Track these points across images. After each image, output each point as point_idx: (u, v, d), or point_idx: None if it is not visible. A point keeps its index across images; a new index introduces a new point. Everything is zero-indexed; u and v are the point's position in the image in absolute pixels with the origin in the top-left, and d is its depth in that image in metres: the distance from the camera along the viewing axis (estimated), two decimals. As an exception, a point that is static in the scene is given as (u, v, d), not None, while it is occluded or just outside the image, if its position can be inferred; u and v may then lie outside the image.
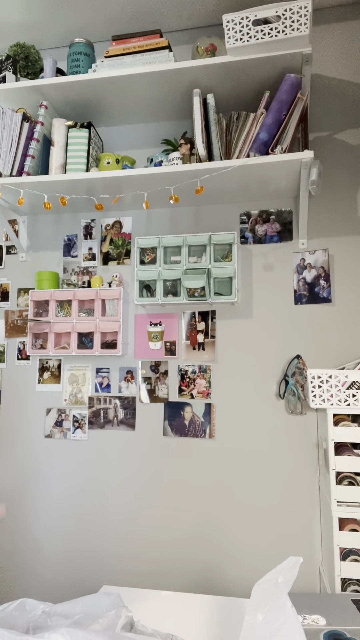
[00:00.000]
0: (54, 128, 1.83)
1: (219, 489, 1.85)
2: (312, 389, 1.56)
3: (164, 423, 1.93)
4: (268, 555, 1.78)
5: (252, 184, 1.79)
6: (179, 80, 1.73)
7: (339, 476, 1.48)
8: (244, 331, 1.90)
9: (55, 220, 2.14)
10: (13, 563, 2.00)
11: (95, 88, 1.79)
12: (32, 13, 1.98)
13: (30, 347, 1.99)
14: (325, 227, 1.87)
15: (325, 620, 1.15)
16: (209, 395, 1.90)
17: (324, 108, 1.91)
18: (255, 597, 1.09)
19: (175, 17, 1.99)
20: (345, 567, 1.43)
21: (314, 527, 1.75)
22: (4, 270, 2.17)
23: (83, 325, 1.93)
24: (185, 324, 1.95)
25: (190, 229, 2.00)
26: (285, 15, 1.50)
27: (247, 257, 1.92)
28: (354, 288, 1.82)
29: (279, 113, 1.58)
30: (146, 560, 1.89)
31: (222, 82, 1.73)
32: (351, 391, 1.54)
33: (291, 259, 1.89)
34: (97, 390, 2.01)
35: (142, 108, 1.94)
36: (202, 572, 1.83)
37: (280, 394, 1.84)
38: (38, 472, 2.02)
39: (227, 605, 1.37)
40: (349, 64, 1.91)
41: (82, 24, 2.04)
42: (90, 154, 1.84)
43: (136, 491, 1.92)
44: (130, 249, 2.05)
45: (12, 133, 1.80)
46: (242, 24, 1.54)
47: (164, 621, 1.29)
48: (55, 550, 1.97)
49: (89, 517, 1.96)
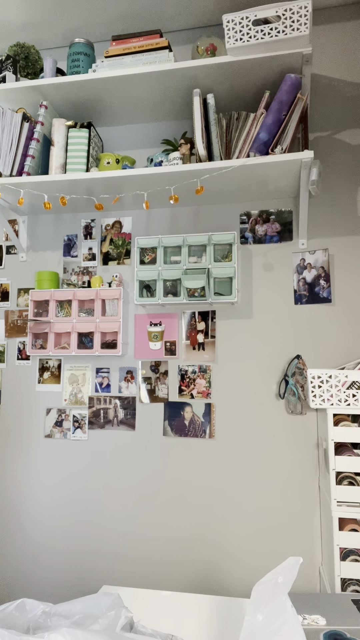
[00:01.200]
0: (54, 128, 1.83)
1: (219, 489, 1.85)
2: (312, 389, 1.56)
3: (164, 423, 1.93)
4: (268, 555, 1.78)
5: (252, 184, 1.79)
6: (179, 80, 1.73)
7: (339, 476, 1.48)
8: (244, 331, 1.90)
9: (55, 220, 2.14)
10: (13, 563, 2.00)
11: (95, 88, 1.79)
12: (32, 13, 1.98)
13: (30, 347, 1.99)
14: (325, 227, 1.87)
15: (325, 620, 1.15)
16: (209, 395, 1.90)
17: (324, 108, 1.91)
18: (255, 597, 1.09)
19: (175, 17, 1.99)
20: (345, 567, 1.43)
21: (314, 527, 1.75)
22: (4, 270, 2.17)
23: (83, 325, 1.93)
24: (185, 324, 1.95)
25: (190, 229, 2.00)
26: (285, 15, 1.50)
27: (247, 257, 1.92)
28: (354, 288, 1.82)
29: (279, 113, 1.58)
30: (146, 560, 1.89)
31: (222, 82, 1.73)
32: (351, 391, 1.54)
33: (291, 259, 1.89)
34: (97, 390, 2.01)
35: (142, 108, 1.94)
36: (202, 572, 1.83)
37: (280, 394, 1.84)
38: (38, 472, 2.02)
39: (227, 605, 1.36)
40: (349, 64, 1.91)
41: (82, 24, 2.04)
42: (90, 154, 1.84)
43: (136, 491, 1.92)
44: (130, 249, 2.05)
45: (12, 133, 1.80)
46: (242, 24, 1.54)
47: (164, 621, 1.29)
48: (55, 550, 1.97)
49: (89, 517, 1.96)
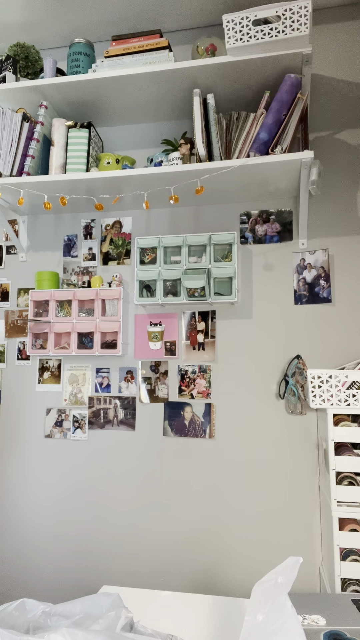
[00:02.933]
0: (54, 128, 1.83)
1: (218, 489, 1.85)
2: (312, 389, 1.56)
3: (164, 423, 1.93)
4: (268, 555, 1.78)
5: (252, 184, 1.79)
6: (179, 80, 1.73)
7: (339, 476, 1.48)
8: (244, 331, 1.90)
9: (55, 220, 2.14)
10: (13, 563, 2.00)
11: (95, 88, 1.79)
12: (32, 13, 1.98)
13: (30, 347, 1.99)
14: (325, 227, 1.87)
15: (325, 620, 1.15)
16: (209, 395, 1.90)
17: (324, 108, 1.91)
18: (255, 597, 1.09)
19: (175, 17, 1.99)
20: (345, 567, 1.43)
21: (314, 527, 1.75)
22: (4, 270, 2.17)
23: (83, 325, 1.93)
24: (185, 324, 1.95)
25: (190, 229, 1.99)
26: (285, 16, 1.50)
27: (247, 257, 1.92)
28: (354, 288, 1.82)
29: (279, 113, 1.58)
30: (146, 560, 1.89)
31: (222, 82, 1.73)
32: (351, 391, 1.54)
33: (291, 259, 1.89)
34: (97, 390, 2.01)
35: (142, 108, 1.94)
36: (202, 572, 1.83)
37: (280, 394, 1.84)
38: (38, 472, 2.02)
39: (227, 605, 1.36)
40: (348, 64, 1.91)
41: (82, 24, 2.04)
42: (90, 154, 1.84)
43: (136, 491, 1.92)
44: (130, 249, 2.05)
45: (12, 133, 1.80)
46: (242, 24, 1.54)
47: (164, 621, 1.29)
48: (55, 550, 1.97)
49: (89, 517, 1.96)
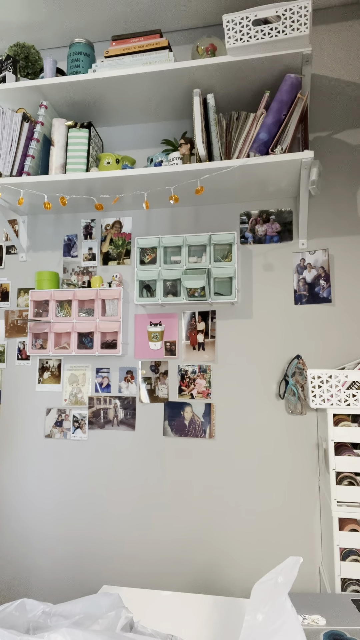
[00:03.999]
0: (54, 128, 1.83)
1: (218, 489, 1.85)
2: (312, 389, 1.56)
3: (164, 423, 1.93)
4: (268, 555, 1.78)
5: (252, 184, 1.79)
6: (179, 80, 1.73)
7: (339, 476, 1.48)
8: (244, 331, 1.90)
9: (55, 220, 2.14)
10: (13, 563, 2.00)
11: (95, 88, 1.79)
12: (32, 13, 1.98)
13: (30, 347, 1.99)
14: (325, 227, 1.87)
15: (325, 620, 1.15)
16: (209, 395, 1.90)
17: (324, 108, 1.91)
18: (255, 597, 1.09)
19: (175, 17, 1.99)
20: (345, 567, 1.43)
21: (314, 527, 1.75)
22: (4, 270, 2.17)
23: (83, 325, 1.93)
24: (185, 324, 1.95)
25: (190, 229, 1.99)
26: (285, 15, 1.50)
27: (247, 257, 1.92)
28: (354, 288, 1.82)
29: (279, 113, 1.58)
30: (146, 560, 1.89)
31: (222, 82, 1.73)
32: (351, 391, 1.54)
33: (291, 259, 1.89)
34: (97, 390, 2.01)
35: (142, 108, 1.94)
36: (202, 572, 1.83)
37: (280, 394, 1.84)
38: (38, 472, 2.02)
39: (227, 605, 1.36)
40: (349, 64, 1.91)
41: (82, 24, 2.04)
42: (90, 154, 1.84)
43: (136, 491, 1.92)
44: (130, 249, 2.05)
45: (12, 133, 1.80)
46: (242, 24, 1.54)
47: (164, 621, 1.29)
48: (55, 550, 1.97)
49: (89, 517, 1.96)
